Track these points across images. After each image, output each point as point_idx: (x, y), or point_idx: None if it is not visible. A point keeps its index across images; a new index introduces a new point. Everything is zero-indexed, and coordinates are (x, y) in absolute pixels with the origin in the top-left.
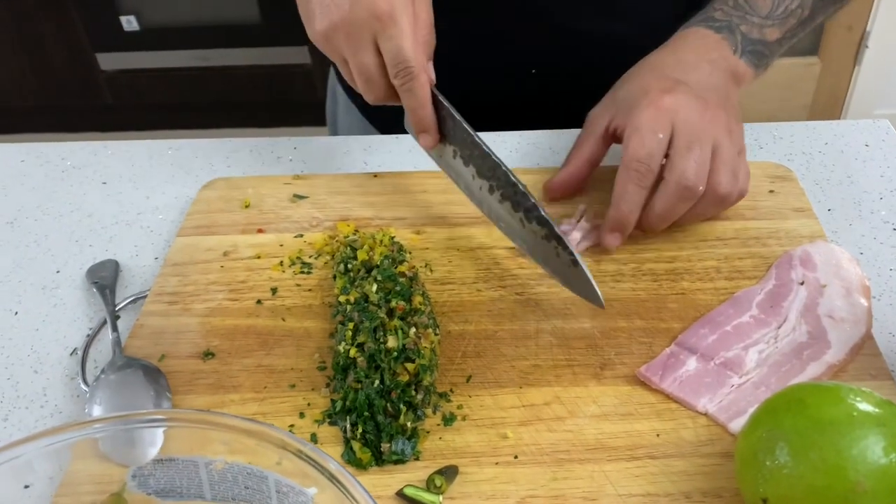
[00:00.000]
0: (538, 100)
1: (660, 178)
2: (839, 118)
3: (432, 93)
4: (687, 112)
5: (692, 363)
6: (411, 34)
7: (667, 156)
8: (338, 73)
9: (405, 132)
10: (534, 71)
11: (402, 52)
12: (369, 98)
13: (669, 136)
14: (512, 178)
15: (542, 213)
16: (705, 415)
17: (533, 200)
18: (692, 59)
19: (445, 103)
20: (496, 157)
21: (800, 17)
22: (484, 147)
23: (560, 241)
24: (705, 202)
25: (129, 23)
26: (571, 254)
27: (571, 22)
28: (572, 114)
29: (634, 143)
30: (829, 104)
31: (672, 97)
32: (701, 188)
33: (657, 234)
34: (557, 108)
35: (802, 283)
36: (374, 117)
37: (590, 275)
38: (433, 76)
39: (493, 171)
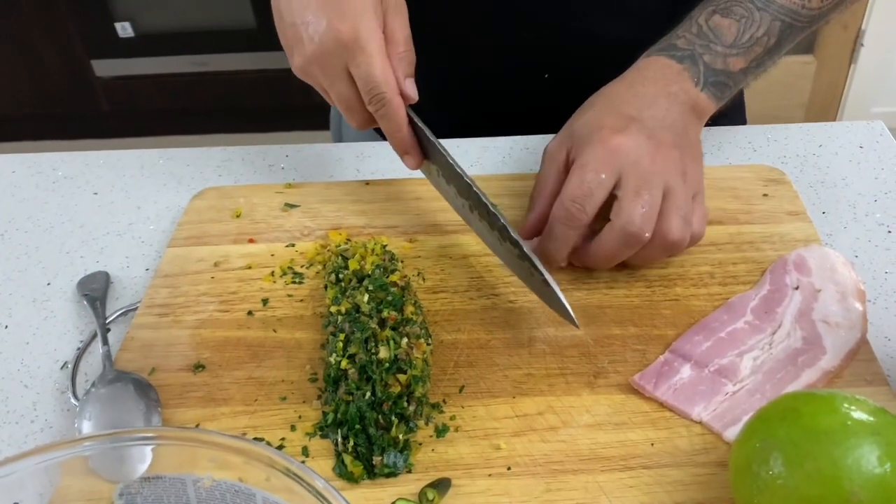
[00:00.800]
0: (552, 103)
1: (606, 219)
2: (836, 117)
3: (407, 114)
4: (637, 154)
5: (686, 371)
6: (380, 57)
7: (615, 197)
8: None
9: None
10: (546, 75)
11: (372, 78)
12: (354, 124)
13: (616, 178)
14: (483, 199)
15: (513, 234)
16: (700, 423)
17: (503, 221)
18: (650, 92)
19: (419, 124)
20: (468, 177)
21: (766, 46)
22: (456, 168)
23: (531, 261)
24: (653, 247)
25: (124, 29)
26: (542, 273)
27: (583, 25)
28: None
29: (574, 181)
30: (825, 103)
31: (622, 137)
32: (647, 235)
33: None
34: (570, 112)
35: (797, 288)
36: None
37: (561, 295)
38: (414, 94)
39: (467, 190)
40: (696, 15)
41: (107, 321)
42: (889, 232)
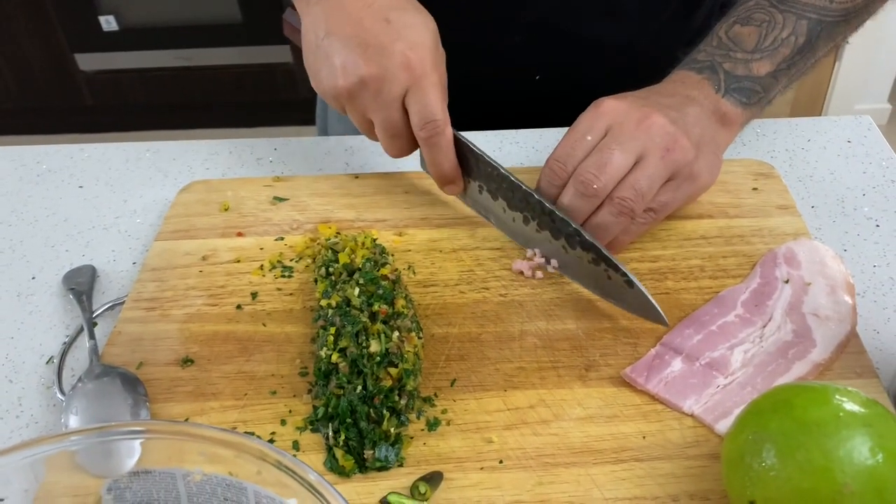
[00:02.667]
0: (542, 105)
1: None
2: (820, 114)
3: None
4: (624, 116)
5: (677, 364)
6: (440, 89)
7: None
8: None
9: None
10: (538, 77)
11: (431, 108)
12: (392, 152)
13: (600, 138)
14: (547, 205)
15: (587, 238)
16: (691, 416)
17: (574, 226)
18: (671, 93)
19: (464, 139)
20: (526, 186)
21: (795, 46)
22: (512, 178)
23: (609, 262)
24: (603, 211)
25: (108, 23)
26: (625, 274)
27: (575, 27)
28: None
29: (562, 141)
30: (810, 100)
31: (614, 102)
32: (596, 187)
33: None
34: (561, 114)
35: (787, 282)
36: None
37: (648, 294)
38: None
39: (524, 201)
40: (716, 29)
41: (93, 315)
42: (877, 226)
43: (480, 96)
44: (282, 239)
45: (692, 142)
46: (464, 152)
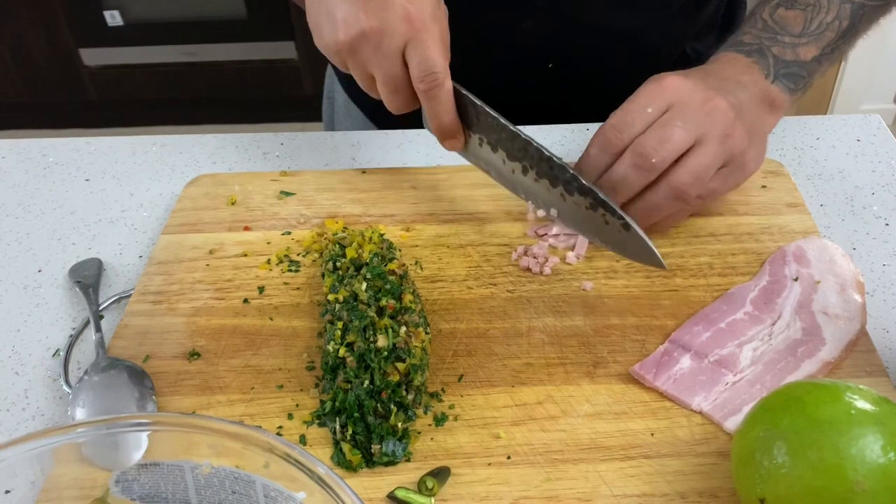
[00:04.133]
0: (554, 94)
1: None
2: (826, 113)
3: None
4: (690, 96)
5: (686, 361)
6: (440, 41)
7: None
8: (339, 75)
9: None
10: (550, 65)
11: (430, 59)
12: (394, 107)
13: (661, 113)
14: (546, 152)
15: (584, 183)
16: (700, 413)
17: (571, 172)
18: (723, 77)
19: (464, 91)
20: (525, 134)
21: (839, 30)
22: (511, 127)
23: (606, 206)
24: (659, 191)
25: (113, 17)
26: (621, 218)
27: (588, 15)
28: (589, 108)
29: (619, 111)
30: (816, 100)
31: (680, 79)
32: (654, 161)
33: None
34: (573, 102)
35: (796, 280)
36: (379, 119)
37: (645, 236)
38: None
39: (524, 150)
40: (759, 11)
41: (100, 308)
42: (887, 224)
43: (492, 85)
44: (289, 233)
45: (746, 131)
46: (464, 105)
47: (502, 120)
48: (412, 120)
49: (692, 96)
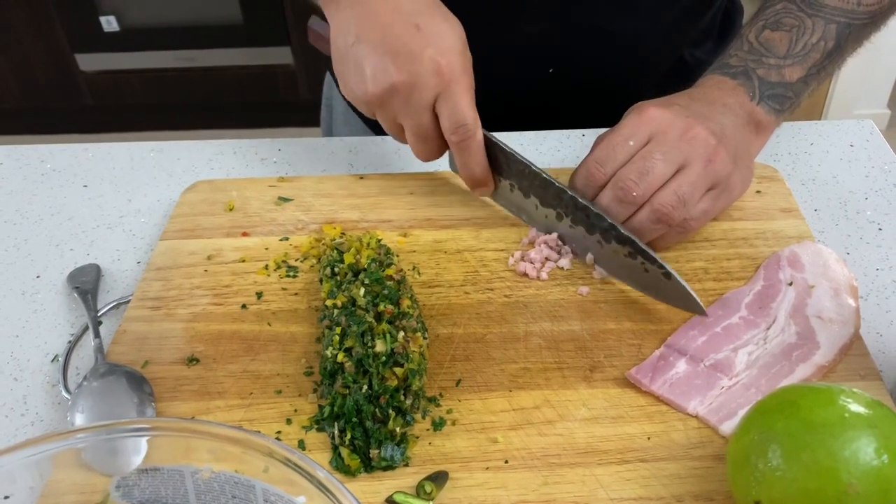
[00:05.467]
0: (555, 100)
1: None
2: (820, 119)
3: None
4: (669, 126)
5: (682, 365)
6: (470, 94)
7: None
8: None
9: None
10: (551, 70)
11: (462, 112)
12: (423, 156)
13: (643, 145)
14: (581, 201)
15: (622, 232)
16: (696, 417)
17: (609, 221)
18: (707, 100)
19: (494, 139)
20: (558, 183)
21: (824, 50)
22: (544, 175)
23: (646, 255)
24: (641, 215)
25: (109, 23)
26: (662, 267)
27: (588, 20)
28: (588, 113)
29: (602, 144)
30: (810, 105)
31: (659, 110)
32: (635, 194)
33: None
34: (572, 107)
35: (791, 284)
36: (378, 128)
37: (686, 285)
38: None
39: (558, 198)
40: (745, 33)
41: (98, 314)
42: (880, 229)
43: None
44: (287, 239)
45: (730, 155)
46: (494, 152)
47: (534, 167)
48: None
49: (672, 126)
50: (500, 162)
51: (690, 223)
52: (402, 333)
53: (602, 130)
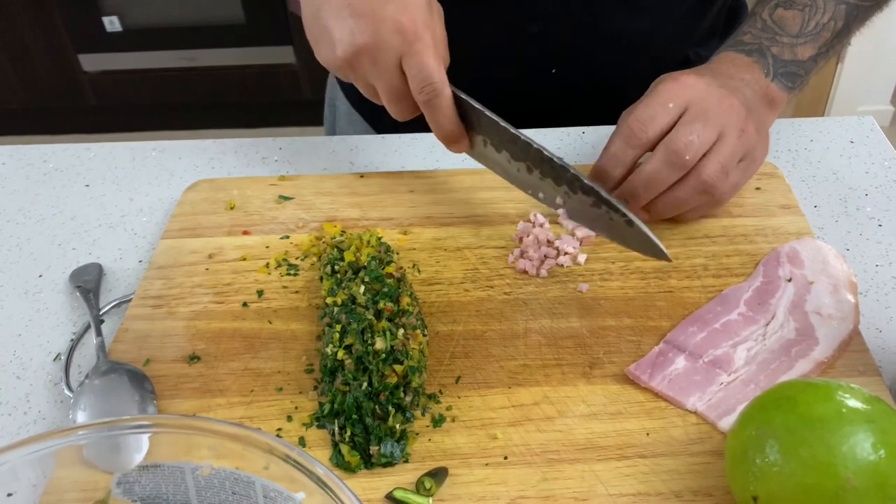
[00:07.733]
0: (557, 99)
1: None
2: (823, 115)
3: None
4: (706, 92)
5: (681, 361)
6: (435, 50)
7: None
8: (341, 84)
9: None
10: (553, 70)
11: (427, 69)
12: (398, 116)
13: (682, 109)
14: (546, 153)
15: (586, 182)
16: (695, 413)
17: (573, 171)
18: (726, 75)
19: (463, 96)
20: (525, 136)
21: (834, 30)
22: (511, 130)
23: (609, 204)
24: (688, 185)
25: (112, 23)
26: (624, 215)
27: (592, 19)
28: (591, 112)
29: (641, 106)
30: (813, 101)
31: (696, 78)
32: (688, 158)
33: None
34: (576, 108)
35: (790, 280)
36: (382, 127)
37: (648, 231)
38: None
39: (525, 151)
40: (759, 11)
41: (100, 313)
42: (880, 225)
43: (494, 88)
44: (287, 237)
45: (756, 127)
46: (465, 109)
47: (502, 123)
48: (414, 127)
49: (709, 94)
50: (471, 119)
51: (724, 195)
52: (401, 331)
53: (603, 129)
